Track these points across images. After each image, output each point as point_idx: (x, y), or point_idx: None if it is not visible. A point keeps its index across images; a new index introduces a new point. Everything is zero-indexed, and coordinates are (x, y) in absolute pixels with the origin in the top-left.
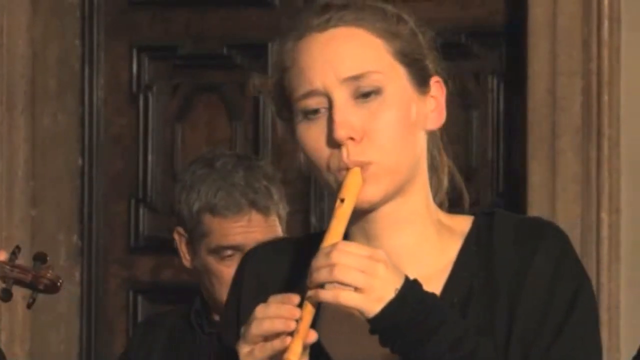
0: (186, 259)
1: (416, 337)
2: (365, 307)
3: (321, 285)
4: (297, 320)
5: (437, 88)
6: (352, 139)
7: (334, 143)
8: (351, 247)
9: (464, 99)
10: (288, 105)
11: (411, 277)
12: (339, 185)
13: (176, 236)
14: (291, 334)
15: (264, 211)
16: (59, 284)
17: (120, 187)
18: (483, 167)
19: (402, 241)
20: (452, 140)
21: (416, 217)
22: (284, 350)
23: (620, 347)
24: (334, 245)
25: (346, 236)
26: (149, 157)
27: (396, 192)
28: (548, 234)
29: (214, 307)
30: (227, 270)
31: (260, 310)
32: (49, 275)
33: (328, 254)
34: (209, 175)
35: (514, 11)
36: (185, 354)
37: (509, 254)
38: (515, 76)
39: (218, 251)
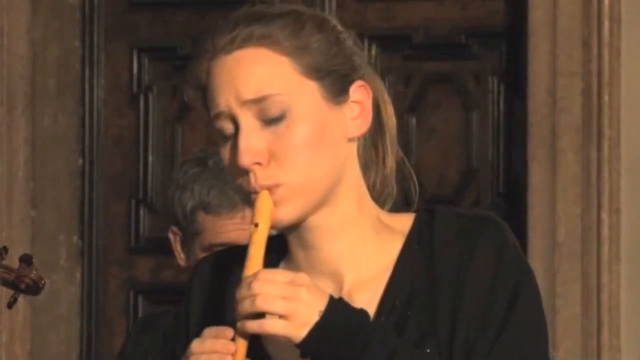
0: (181, 259)
1: (347, 357)
2: (291, 334)
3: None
4: (232, 354)
5: (361, 92)
6: (258, 163)
7: (240, 167)
8: (272, 274)
9: (464, 100)
10: None
11: (352, 283)
12: (253, 208)
13: (171, 235)
14: None
15: None
16: (41, 284)
17: (120, 188)
18: (483, 167)
19: (338, 248)
20: (452, 141)
21: (348, 223)
22: None
23: (621, 348)
24: (254, 275)
25: (285, 245)
26: (149, 158)
27: (317, 206)
28: (486, 228)
29: None
30: None
31: (196, 345)
32: (32, 275)
33: (249, 285)
34: (202, 173)
35: (514, 12)
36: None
37: (450, 252)
38: (516, 77)
39: (212, 249)
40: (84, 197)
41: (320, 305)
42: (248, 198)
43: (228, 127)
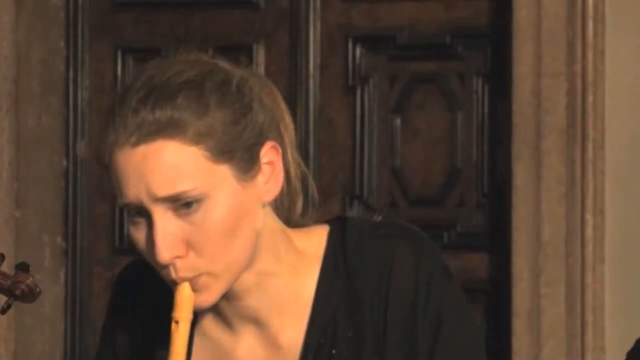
0: None
1: None
2: None
3: None
4: None
5: (272, 153)
6: (177, 256)
7: (159, 263)
8: None
9: (449, 100)
10: None
11: (277, 326)
12: (172, 298)
13: None
14: None
15: None
16: (36, 292)
17: (104, 189)
18: (467, 168)
19: (259, 297)
20: (437, 141)
21: (267, 275)
22: None
23: (605, 348)
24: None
25: None
26: None
27: (237, 279)
28: (400, 242)
29: None
30: None
31: None
32: (28, 282)
33: None
34: None
35: (499, 12)
36: None
37: (367, 273)
38: (500, 77)
39: None
40: (68, 197)
41: None
42: None
43: (137, 214)
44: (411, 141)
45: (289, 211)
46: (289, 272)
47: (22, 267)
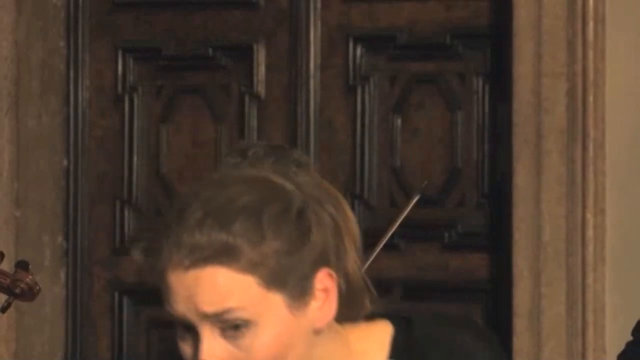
0: None
1: None
2: None
3: None
4: None
5: (327, 280)
6: None
7: (193, 345)
8: None
9: (449, 100)
10: None
11: None
12: None
13: None
14: None
15: None
16: (35, 290)
17: (105, 189)
18: (468, 168)
19: None
20: (437, 141)
21: None
22: None
23: (606, 348)
24: None
25: None
26: (134, 159)
27: None
28: (475, 346)
29: None
30: None
31: None
32: (27, 280)
33: None
34: (240, 164)
35: (499, 12)
36: None
37: None
38: (500, 77)
39: None
40: (68, 197)
41: None
42: None
43: (186, 331)
44: (411, 141)
45: (350, 317)
46: None
47: (22, 266)
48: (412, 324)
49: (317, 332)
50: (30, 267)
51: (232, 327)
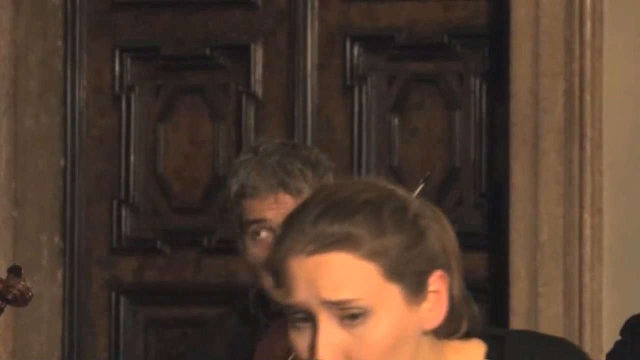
0: (246, 254)
1: None
2: None
3: None
4: None
5: (439, 283)
6: None
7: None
8: None
9: (447, 100)
10: None
11: None
12: None
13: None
14: None
15: (294, 192)
16: (27, 296)
17: (102, 188)
18: (466, 167)
19: None
20: (435, 141)
21: None
22: None
23: (603, 348)
24: None
25: None
26: (132, 158)
27: None
28: None
29: (265, 294)
30: (258, 251)
31: None
32: (19, 286)
33: None
34: (250, 159)
35: (497, 12)
36: (231, 339)
37: None
38: (498, 77)
39: (247, 229)
40: (66, 197)
41: None
42: (284, 180)
43: (302, 316)
44: (409, 141)
45: (447, 334)
46: None
47: (14, 271)
48: (505, 344)
49: (424, 334)
50: (22, 272)
51: (349, 316)
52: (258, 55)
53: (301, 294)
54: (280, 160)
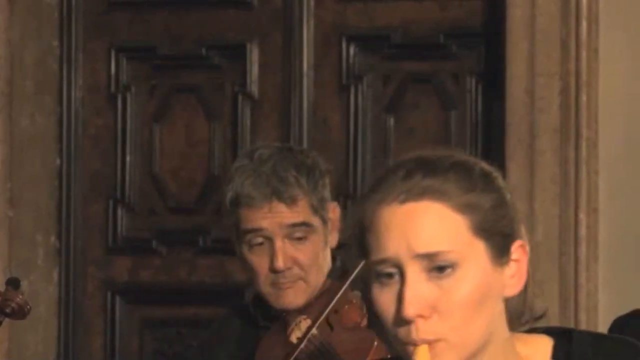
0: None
1: None
2: None
3: None
4: None
5: (520, 252)
6: (421, 316)
7: (403, 318)
8: None
9: (443, 100)
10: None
11: None
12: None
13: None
14: None
15: (288, 200)
16: (26, 309)
17: (98, 188)
18: None
19: None
20: (430, 141)
21: None
22: None
23: None
24: None
25: None
26: (127, 158)
27: None
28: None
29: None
30: (257, 260)
31: None
32: (17, 299)
33: None
34: (245, 166)
35: (493, 12)
36: (236, 341)
37: None
38: (494, 77)
39: (245, 238)
40: (61, 197)
41: None
42: (277, 189)
43: (390, 273)
44: (405, 140)
45: (519, 316)
46: None
47: (13, 284)
48: (572, 339)
49: (504, 300)
50: (21, 284)
51: (437, 268)
52: (254, 55)
53: (392, 247)
54: (274, 167)
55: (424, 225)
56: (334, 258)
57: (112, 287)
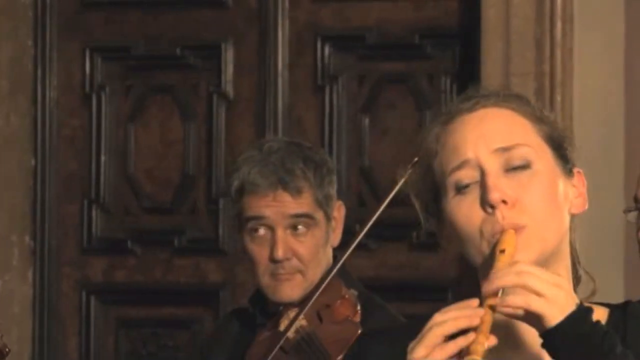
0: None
1: (593, 354)
2: (550, 314)
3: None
4: (480, 324)
5: (579, 178)
6: (504, 202)
7: (487, 207)
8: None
9: (418, 100)
10: (436, 197)
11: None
12: (494, 247)
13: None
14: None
15: (293, 190)
16: (5, 352)
17: (73, 188)
18: None
19: None
20: (405, 141)
21: None
22: (466, 349)
23: None
24: (515, 263)
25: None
26: (102, 158)
27: (541, 266)
28: None
29: (264, 294)
30: (258, 249)
31: (438, 316)
32: None
33: (514, 264)
34: (253, 156)
35: (468, 12)
36: (233, 342)
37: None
38: (469, 77)
39: (247, 226)
40: (36, 197)
41: (576, 299)
42: (283, 178)
43: (469, 176)
44: (380, 140)
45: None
46: None
47: None
48: (627, 307)
49: (572, 216)
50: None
51: (514, 168)
52: (229, 55)
53: (470, 148)
54: (282, 158)
55: (497, 123)
56: (334, 258)
57: (87, 287)
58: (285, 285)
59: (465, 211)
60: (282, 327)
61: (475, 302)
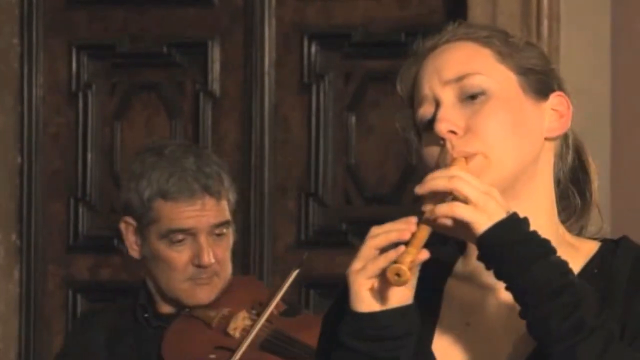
0: (133, 249)
1: (523, 259)
2: (476, 221)
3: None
4: (411, 238)
5: (560, 102)
6: (453, 132)
7: (438, 140)
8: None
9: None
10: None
11: None
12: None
13: (123, 226)
14: (406, 245)
15: (216, 195)
16: None
17: (59, 186)
18: (422, 165)
19: None
20: (391, 139)
21: (533, 223)
22: (395, 261)
23: None
24: (455, 167)
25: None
26: (88, 156)
27: (505, 191)
28: None
29: (162, 297)
30: (177, 255)
31: (374, 228)
32: None
33: (447, 168)
34: (159, 162)
35: (454, 10)
36: (129, 350)
37: (623, 288)
38: None
39: (169, 235)
40: (22, 195)
41: (508, 209)
42: (207, 185)
43: (429, 111)
44: (366, 139)
45: (573, 223)
46: (553, 240)
47: None
48: (619, 243)
49: (547, 140)
50: None
51: (470, 97)
52: (215, 53)
53: (427, 83)
54: (197, 163)
55: (454, 55)
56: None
57: (72, 286)
58: (205, 288)
59: (429, 150)
60: (221, 326)
61: (413, 218)
